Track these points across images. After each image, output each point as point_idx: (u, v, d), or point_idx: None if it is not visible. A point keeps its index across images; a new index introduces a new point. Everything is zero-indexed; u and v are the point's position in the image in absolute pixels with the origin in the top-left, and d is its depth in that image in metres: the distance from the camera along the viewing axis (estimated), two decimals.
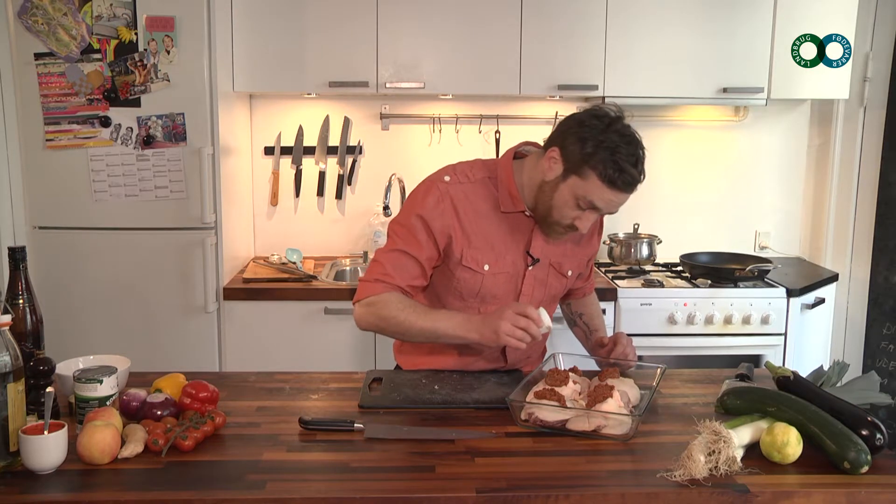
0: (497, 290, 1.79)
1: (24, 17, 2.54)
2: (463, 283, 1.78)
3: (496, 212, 1.77)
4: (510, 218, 1.78)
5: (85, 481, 1.27)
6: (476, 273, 1.76)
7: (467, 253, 1.75)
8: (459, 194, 1.75)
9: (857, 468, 1.29)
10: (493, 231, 1.76)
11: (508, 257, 1.78)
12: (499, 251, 1.77)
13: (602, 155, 1.59)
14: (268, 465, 1.33)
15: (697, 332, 2.84)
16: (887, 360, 3.30)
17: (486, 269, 1.76)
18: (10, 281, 1.51)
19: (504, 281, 1.79)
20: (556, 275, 1.85)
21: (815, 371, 1.63)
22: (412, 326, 1.68)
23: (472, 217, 1.75)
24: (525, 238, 1.79)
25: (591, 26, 2.93)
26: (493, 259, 1.76)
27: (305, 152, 3.26)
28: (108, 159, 2.63)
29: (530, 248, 1.79)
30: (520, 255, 1.79)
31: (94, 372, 1.44)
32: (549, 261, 1.82)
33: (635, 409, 1.53)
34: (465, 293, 1.79)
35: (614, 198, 1.63)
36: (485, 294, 1.79)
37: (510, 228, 1.78)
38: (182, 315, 2.71)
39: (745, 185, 3.42)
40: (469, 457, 1.36)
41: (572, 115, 1.71)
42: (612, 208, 1.66)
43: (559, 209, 1.68)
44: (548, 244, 1.81)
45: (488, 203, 1.76)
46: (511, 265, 1.79)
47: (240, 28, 2.84)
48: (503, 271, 1.78)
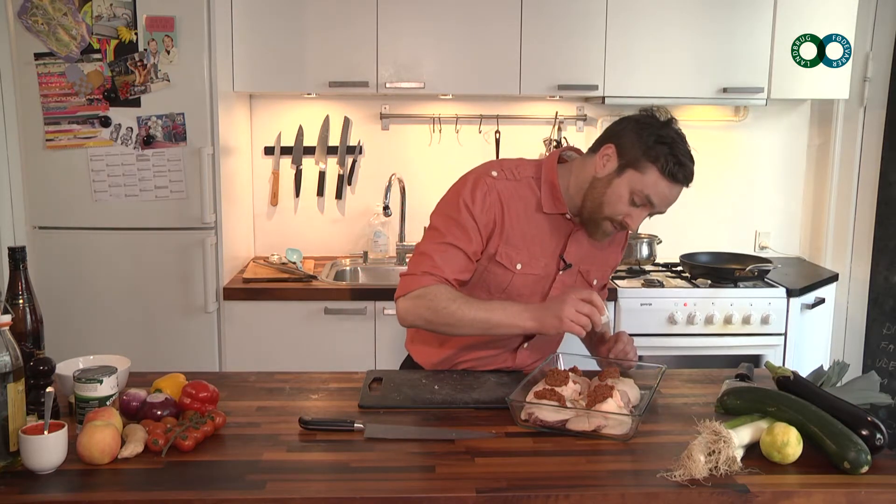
0: (525, 290, 1.79)
1: (24, 17, 2.54)
2: (492, 278, 1.77)
3: (537, 212, 1.76)
4: (550, 220, 1.78)
5: (85, 481, 1.26)
6: (507, 270, 1.76)
7: (502, 249, 1.75)
8: (506, 191, 1.74)
9: (857, 468, 1.29)
10: (531, 231, 1.76)
11: (542, 260, 1.78)
12: (533, 252, 1.77)
13: (662, 149, 1.62)
14: (268, 465, 1.33)
15: (697, 332, 2.84)
16: (887, 360, 3.30)
17: (519, 268, 1.76)
18: (10, 281, 1.51)
19: (533, 282, 1.80)
20: (582, 282, 1.85)
21: (815, 371, 1.63)
22: (464, 317, 1.66)
23: (513, 215, 1.74)
24: (561, 242, 1.79)
25: (591, 26, 2.93)
26: (526, 259, 1.76)
27: (305, 152, 3.26)
28: (108, 159, 2.63)
29: (564, 253, 1.79)
30: (553, 258, 1.79)
31: (94, 372, 1.44)
32: (578, 268, 1.83)
33: (635, 409, 1.53)
34: (492, 287, 1.79)
35: (670, 193, 1.65)
36: (511, 291, 1.79)
37: (549, 230, 1.78)
38: (182, 315, 2.71)
39: (745, 185, 3.42)
40: (469, 457, 1.36)
41: (626, 116, 1.75)
42: (665, 205, 1.68)
43: (612, 205, 1.67)
44: (581, 251, 1.81)
45: (531, 203, 1.76)
46: (543, 268, 1.79)
47: (240, 28, 2.84)
48: (534, 273, 1.78)
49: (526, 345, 1.85)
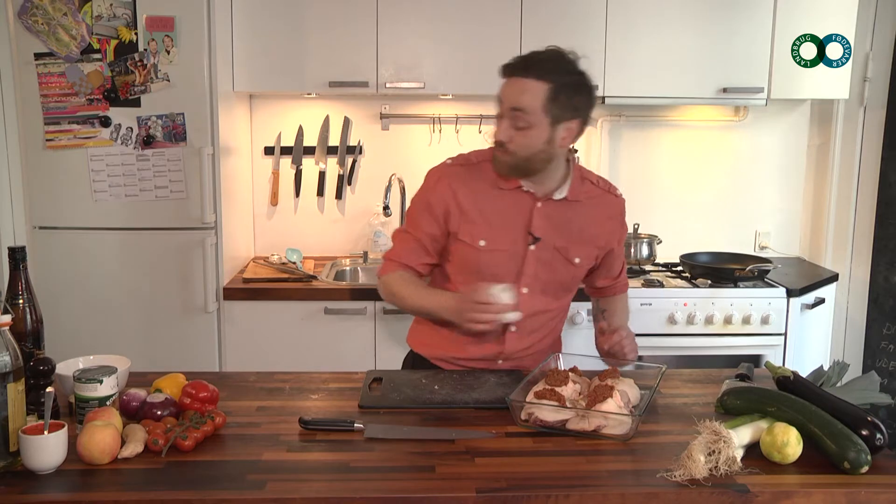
0: (497, 269, 1.82)
1: (24, 17, 2.54)
2: (460, 259, 1.85)
3: (494, 189, 1.83)
4: (509, 196, 1.83)
5: (85, 481, 1.27)
6: (471, 248, 1.82)
7: (463, 228, 1.82)
8: (459, 175, 1.85)
9: (857, 468, 1.29)
10: (490, 208, 1.82)
11: (507, 235, 1.82)
12: (496, 228, 1.82)
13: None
14: (268, 465, 1.33)
15: (697, 332, 2.84)
16: (887, 360, 3.30)
17: (482, 244, 1.81)
18: (10, 281, 1.51)
19: (504, 259, 1.82)
20: (562, 260, 1.86)
21: (815, 371, 1.63)
22: (409, 303, 1.87)
23: (469, 195, 1.83)
24: (526, 217, 1.82)
25: (591, 26, 2.93)
26: (489, 235, 1.81)
27: (305, 152, 3.26)
28: (108, 159, 2.63)
29: (531, 228, 1.82)
30: (520, 233, 1.82)
31: (94, 372, 1.44)
32: (554, 244, 1.84)
33: (635, 409, 1.53)
34: (466, 268, 1.85)
35: (505, 87, 1.77)
36: (484, 271, 1.82)
37: (510, 206, 1.83)
38: (182, 315, 2.71)
39: (745, 185, 3.42)
40: (469, 457, 1.36)
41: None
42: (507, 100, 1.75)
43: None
44: (550, 225, 1.83)
45: (486, 182, 1.84)
46: (510, 243, 1.82)
47: (240, 28, 2.84)
48: (501, 248, 1.82)
49: (513, 328, 1.85)
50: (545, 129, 1.73)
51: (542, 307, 1.88)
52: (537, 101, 1.70)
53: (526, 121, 1.72)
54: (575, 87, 1.74)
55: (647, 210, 3.36)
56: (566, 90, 1.72)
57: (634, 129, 3.36)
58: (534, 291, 1.85)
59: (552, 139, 1.74)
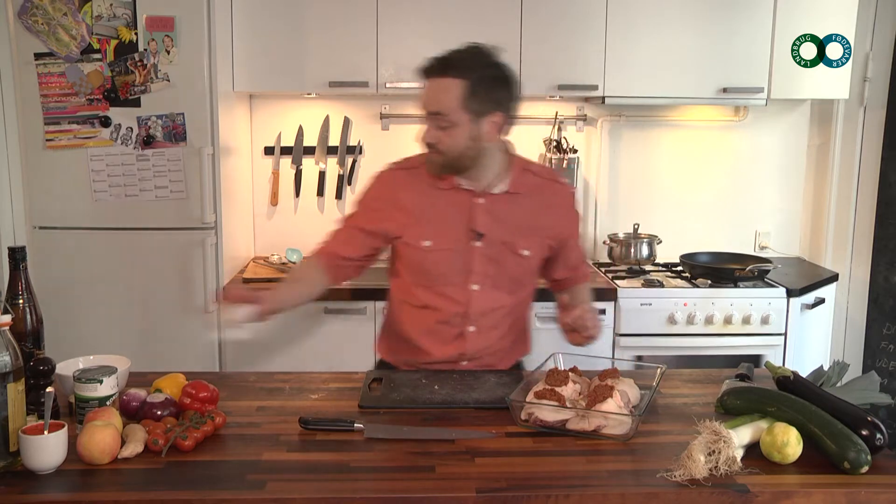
0: (446, 269, 1.84)
1: (24, 17, 2.54)
2: (408, 260, 1.86)
3: (434, 190, 1.85)
4: (449, 195, 1.84)
5: (85, 481, 1.27)
6: (417, 249, 1.84)
7: (407, 230, 1.84)
8: (398, 177, 1.89)
9: (857, 468, 1.29)
10: (432, 208, 1.84)
11: (451, 234, 1.83)
12: (439, 228, 1.83)
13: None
14: (268, 465, 1.33)
15: (697, 332, 2.84)
16: (887, 360, 3.30)
17: (427, 245, 1.83)
18: (10, 281, 1.51)
19: (450, 258, 1.83)
20: (510, 254, 1.85)
21: (815, 371, 1.63)
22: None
23: (411, 197, 1.85)
24: (467, 214, 1.84)
25: (591, 26, 2.93)
26: (433, 235, 1.83)
27: (305, 152, 3.26)
28: (108, 159, 2.63)
29: (475, 224, 1.83)
30: (464, 231, 1.83)
31: (94, 372, 1.44)
32: (500, 239, 1.84)
33: (635, 409, 1.53)
34: (414, 270, 1.87)
35: (425, 89, 1.76)
36: (432, 271, 1.84)
37: (450, 204, 1.84)
38: (182, 315, 2.71)
39: (745, 185, 3.42)
40: (469, 457, 1.37)
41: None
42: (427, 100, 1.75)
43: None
44: (494, 221, 1.83)
45: (427, 183, 1.85)
46: (454, 241, 1.83)
47: (240, 28, 2.84)
48: (446, 248, 1.83)
49: (472, 327, 1.86)
50: (467, 125, 1.74)
51: (496, 303, 1.87)
52: (455, 100, 1.71)
53: (447, 121, 1.73)
54: (493, 80, 1.75)
55: (647, 210, 3.37)
56: (484, 84, 1.73)
57: (634, 129, 3.36)
58: (485, 287, 1.85)
59: (478, 135, 1.75)
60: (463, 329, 1.86)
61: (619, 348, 2.83)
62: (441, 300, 1.85)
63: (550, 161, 3.25)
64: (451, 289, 1.84)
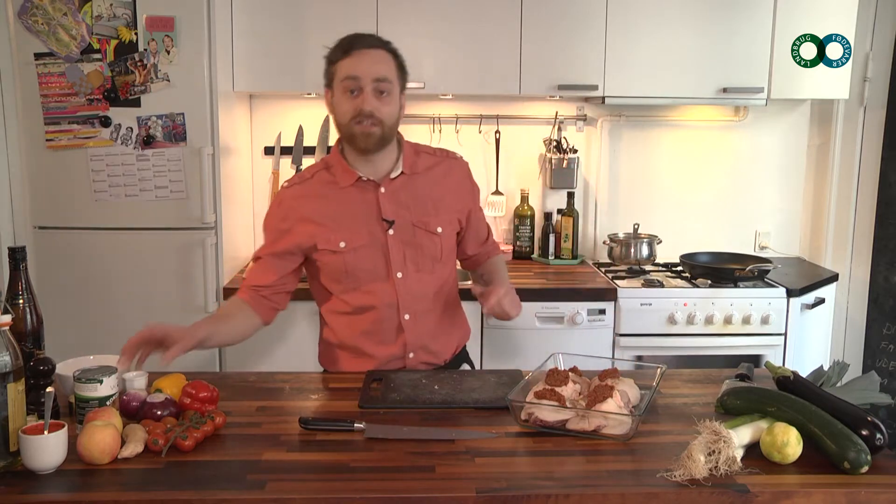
0: (365, 265, 1.85)
1: (24, 17, 2.54)
2: (329, 267, 1.86)
3: (336, 191, 1.86)
4: (352, 192, 1.85)
5: (85, 481, 1.27)
6: (334, 253, 1.84)
7: (320, 237, 1.83)
8: (297, 193, 1.88)
9: (857, 468, 1.29)
10: (339, 210, 1.85)
11: (363, 229, 1.84)
12: (351, 227, 1.84)
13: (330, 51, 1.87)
14: (268, 465, 1.33)
15: (697, 332, 2.84)
16: (887, 360, 3.30)
17: (343, 245, 1.83)
18: (10, 281, 1.51)
19: (368, 255, 1.85)
20: (424, 234, 1.88)
21: (815, 371, 1.63)
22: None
23: (314, 207, 1.85)
24: (373, 206, 1.85)
25: (591, 26, 2.93)
26: (347, 235, 1.84)
27: (305, 152, 3.26)
28: (108, 159, 2.63)
29: (382, 214, 1.85)
30: (375, 223, 1.85)
31: (94, 372, 1.44)
32: (410, 221, 1.86)
33: (635, 409, 1.53)
34: (336, 276, 1.86)
35: (355, 60, 1.78)
36: (354, 271, 1.85)
37: (358, 201, 1.85)
38: (182, 315, 2.71)
39: (745, 185, 3.42)
40: (469, 457, 1.36)
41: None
42: (362, 70, 1.77)
43: (343, 110, 1.79)
44: (399, 205, 1.86)
45: (328, 188, 1.86)
46: (368, 236, 1.84)
47: (240, 28, 2.84)
48: (361, 245, 1.84)
49: (406, 315, 1.87)
50: (397, 96, 1.82)
51: (423, 286, 1.89)
52: (392, 69, 1.81)
53: (388, 89, 1.79)
54: (401, 58, 1.86)
55: (647, 210, 3.37)
56: (401, 62, 1.85)
57: (634, 129, 3.36)
58: (408, 273, 1.87)
59: (401, 108, 1.85)
60: (399, 320, 1.87)
61: (619, 348, 2.83)
62: (370, 297, 1.86)
63: (551, 161, 3.26)
64: (377, 284, 1.86)
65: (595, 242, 3.40)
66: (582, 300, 2.81)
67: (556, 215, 3.30)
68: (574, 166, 3.25)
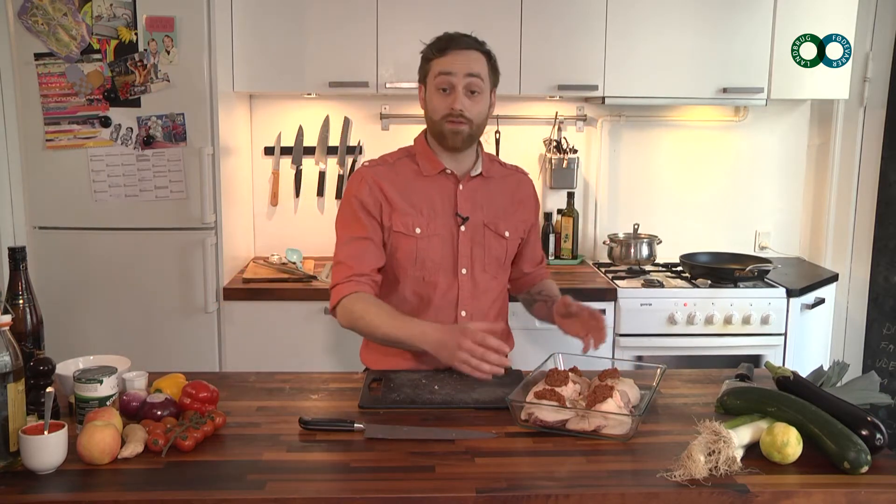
0: (434, 254, 1.88)
1: (24, 17, 2.54)
2: (401, 251, 1.88)
3: (419, 179, 1.92)
4: (433, 182, 1.91)
5: (85, 481, 1.27)
6: (409, 237, 1.88)
7: (397, 220, 1.88)
8: (380, 173, 1.92)
9: (857, 468, 1.29)
10: (418, 197, 1.90)
11: (439, 220, 1.89)
12: (428, 215, 1.89)
13: (426, 48, 1.90)
14: (268, 465, 1.33)
15: (697, 332, 2.84)
16: (887, 360, 3.30)
17: (418, 231, 1.88)
18: (10, 281, 1.51)
19: (439, 244, 1.89)
20: (493, 235, 1.93)
21: (815, 371, 1.63)
22: (381, 331, 1.78)
23: (397, 189, 1.89)
24: (451, 200, 1.91)
25: (591, 26, 2.93)
26: (423, 222, 1.88)
27: (305, 152, 3.26)
28: (108, 159, 2.63)
29: (458, 209, 1.89)
30: (450, 217, 1.90)
31: (94, 372, 1.44)
32: (482, 221, 1.92)
33: (635, 409, 1.53)
34: (405, 261, 1.89)
35: (450, 59, 1.83)
36: (425, 261, 1.88)
37: (436, 192, 1.91)
38: (182, 315, 2.71)
39: (745, 185, 3.42)
40: (469, 457, 1.36)
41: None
42: (458, 66, 1.82)
43: (434, 107, 1.85)
44: (475, 203, 1.91)
45: (410, 174, 1.92)
46: (443, 227, 1.89)
47: (240, 28, 2.84)
48: (436, 234, 1.89)
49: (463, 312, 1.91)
50: (488, 95, 1.88)
51: (484, 286, 1.93)
52: (485, 68, 1.86)
53: (479, 87, 1.84)
54: (495, 61, 1.91)
55: (647, 210, 3.37)
56: (493, 59, 1.90)
57: (634, 129, 3.36)
58: (473, 271, 1.91)
59: (492, 105, 1.91)
60: (455, 316, 1.90)
61: (619, 348, 2.83)
62: (432, 289, 1.89)
63: (551, 161, 3.26)
64: (442, 275, 1.90)
65: (595, 242, 3.40)
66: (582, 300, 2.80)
67: (556, 215, 3.30)
68: (574, 166, 3.25)
